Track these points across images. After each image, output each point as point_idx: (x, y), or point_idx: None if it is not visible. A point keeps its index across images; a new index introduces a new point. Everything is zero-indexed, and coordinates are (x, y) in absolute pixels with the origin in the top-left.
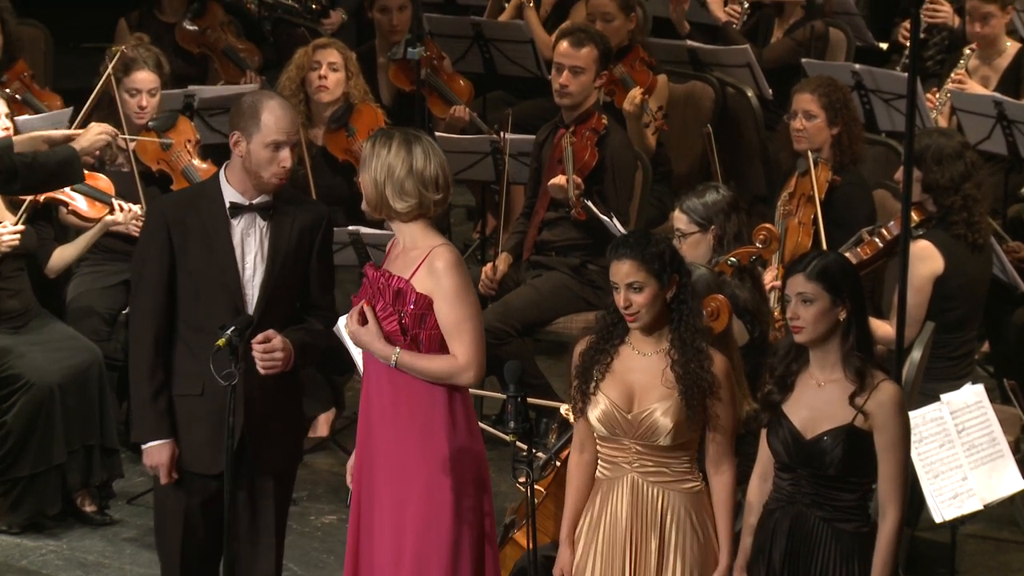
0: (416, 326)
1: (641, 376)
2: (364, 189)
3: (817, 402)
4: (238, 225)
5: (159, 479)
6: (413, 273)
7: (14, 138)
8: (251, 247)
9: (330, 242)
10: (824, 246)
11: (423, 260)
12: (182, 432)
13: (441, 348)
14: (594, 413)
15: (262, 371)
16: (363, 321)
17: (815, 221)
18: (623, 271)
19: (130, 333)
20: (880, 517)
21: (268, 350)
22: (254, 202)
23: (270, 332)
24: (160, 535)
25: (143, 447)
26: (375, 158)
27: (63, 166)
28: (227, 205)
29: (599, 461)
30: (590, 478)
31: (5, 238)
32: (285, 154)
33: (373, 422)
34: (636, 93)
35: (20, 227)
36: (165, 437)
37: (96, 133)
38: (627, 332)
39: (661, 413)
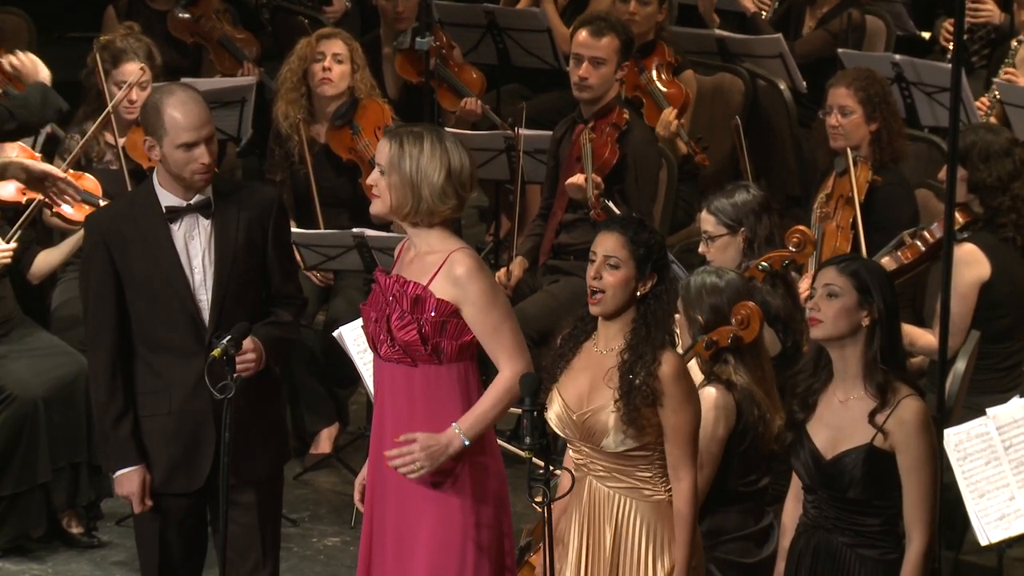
0: (437, 334)
1: (591, 375)
2: (390, 193)
3: (838, 421)
4: (179, 229)
5: (153, 512)
6: (431, 279)
7: None
8: (197, 250)
9: (285, 227)
10: (864, 251)
11: (441, 265)
12: (154, 453)
13: (462, 356)
14: (550, 413)
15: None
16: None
17: (854, 225)
18: (606, 243)
19: (87, 360)
20: (907, 543)
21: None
22: (191, 202)
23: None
24: (140, 557)
25: (113, 476)
26: (407, 159)
27: (52, 95)
28: (163, 210)
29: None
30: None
31: None
32: (200, 151)
33: (387, 438)
34: (671, 118)
35: (13, 245)
36: (133, 463)
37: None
38: (595, 328)
39: (602, 415)
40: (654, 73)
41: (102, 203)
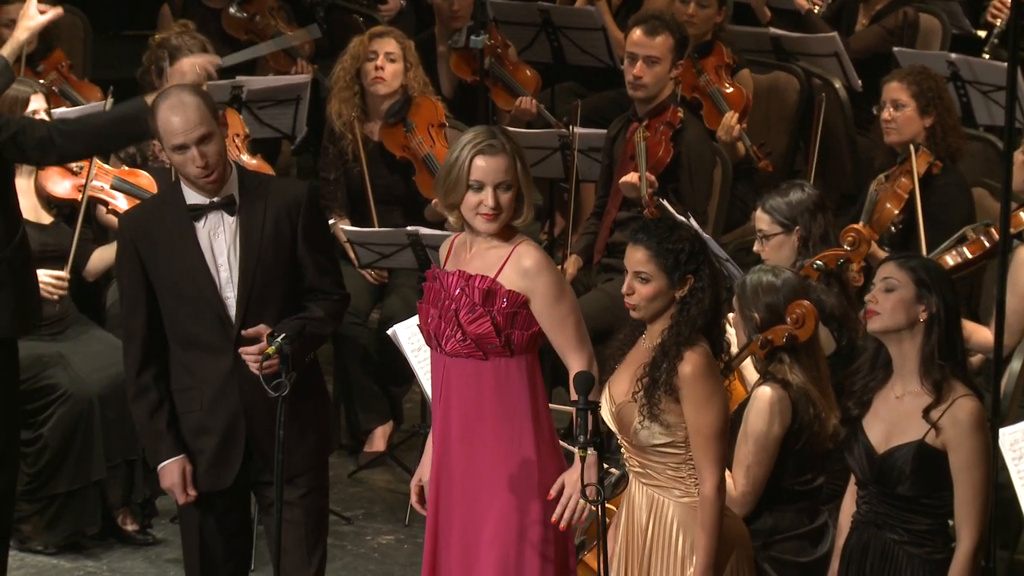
0: (509, 325)
1: (633, 369)
2: (512, 206)
3: (893, 416)
4: (203, 227)
5: (192, 507)
6: (499, 271)
7: None
8: (222, 247)
9: (316, 220)
10: (920, 218)
11: (508, 258)
12: (193, 453)
13: (530, 347)
14: (604, 409)
15: (256, 372)
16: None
17: (912, 194)
18: (635, 258)
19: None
20: (956, 543)
21: (260, 350)
22: (215, 200)
23: (261, 328)
24: (184, 554)
25: (157, 470)
26: (523, 165)
27: (121, 124)
28: (187, 208)
29: None
30: None
31: (51, 289)
32: (192, 153)
33: (453, 436)
34: (733, 123)
35: (67, 277)
36: (173, 455)
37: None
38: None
39: (631, 407)
40: (713, 75)
41: None
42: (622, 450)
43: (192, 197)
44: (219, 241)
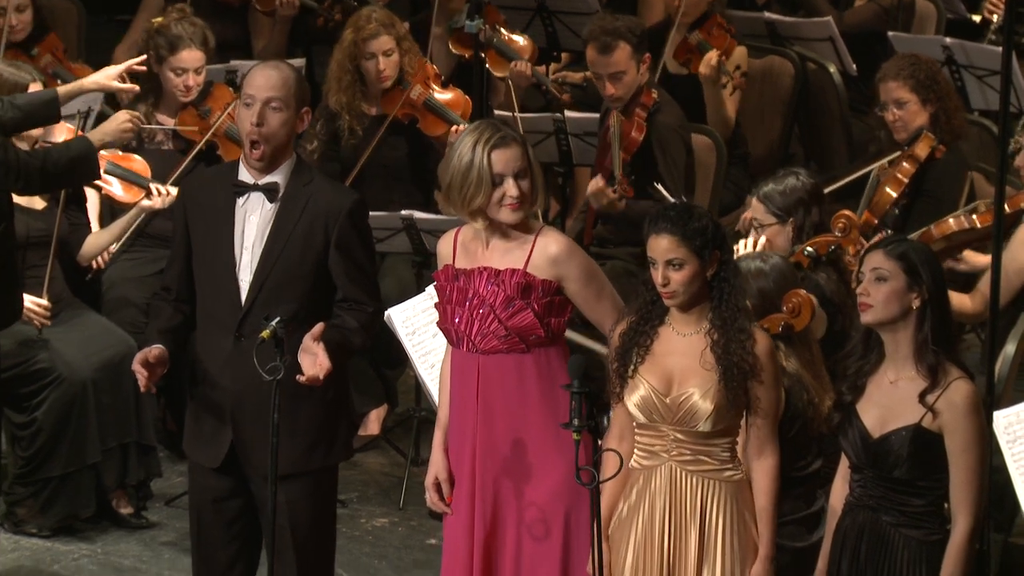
0: (547, 314)
1: (680, 358)
2: (531, 195)
3: (888, 400)
4: (242, 206)
5: (193, 483)
6: (527, 262)
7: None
8: (252, 230)
9: (354, 231)
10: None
11: (533, 247)
12: (189, 421)
13: (563, 333)
14: (632, 399)
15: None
16: None
17: (912, 178)
18: (662, 247)
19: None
20: (952, 525)
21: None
22: (260, 182)
23: (316, 331)
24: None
25: None
26: (531, 153)
27: (76, 163)
28: (235, 182)
29: (635, 450)
30: (627, 470)
31: (32, 316)
32: (255, 110)
33: (499, 433)
34: (712, 55)
35: (48, 305)
36: (150, 344)
37: (119, 125)
38: (666, 311)
39: (700, 396)
40: (704, 34)
41: (152, 185)
42: (611, 439)
43: (243, 174)
44: (251, 224)
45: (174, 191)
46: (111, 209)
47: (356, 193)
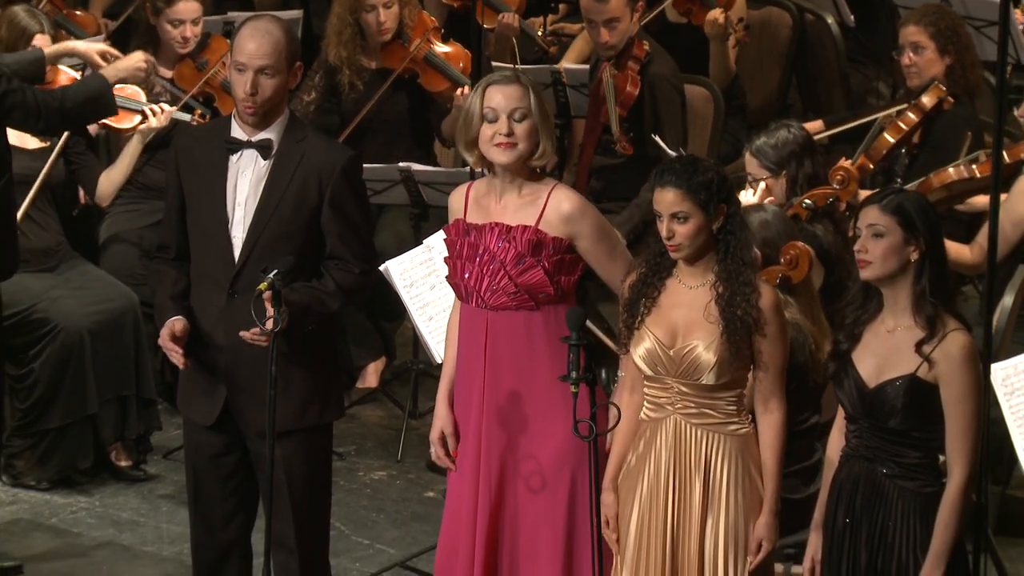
0: (558, 272)
1: (685, 311)
2: (528, 139)
3: (884, 350)
4: (235, 163)
5: (188, 440)
6: (539, 219)
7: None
8: (245, 187)
9: (348, 188)
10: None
11: (546, 204)
12: (183, 379)
13: (574, 290)
14: (637, 350)
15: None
16: None
17: (914, 127)
18: (667, 200)
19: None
20: (948, 476)
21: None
22: (253, 139)
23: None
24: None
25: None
26: (541, 102)
27: (93, 100)
28: (227, 140)
29: (645, 402)
30: (637, 421)
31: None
32: (247, 77)
33: (503, 389)
34: (718, 14)
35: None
36: (171, 316)
37: (135, 63)
38: (674, 264)
39: (704, 349)
40: None
41: (146, 108)
42: (622, 391)
43: (236, 131)
44: (244, 180)
45: (173, 109)
46: (107, 145)
47: (350, 150)
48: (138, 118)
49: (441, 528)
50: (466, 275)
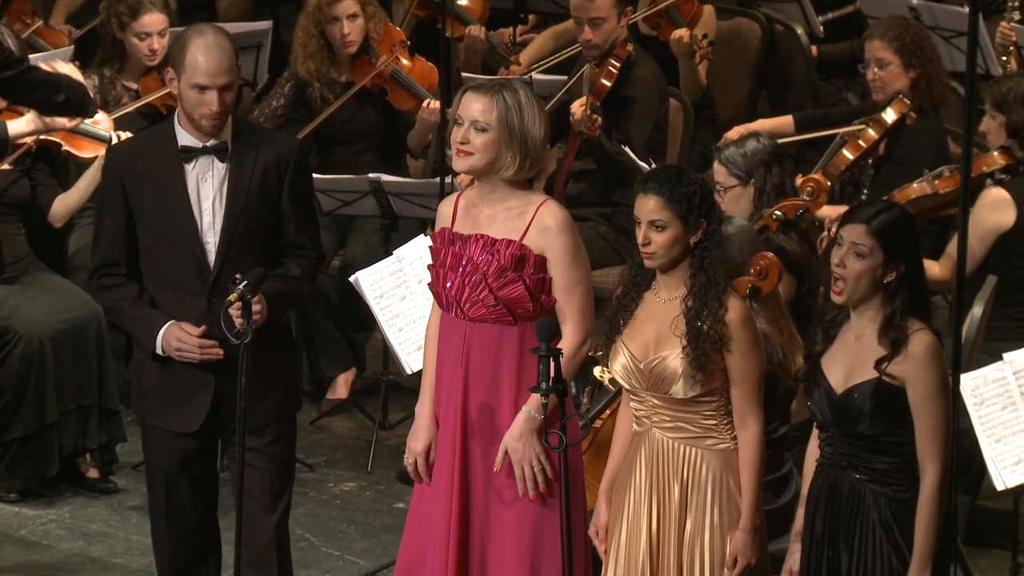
0: (538, 290)
1: (657, 324)
2: (488, 150)
3: (851, 356)
4: (192, 170)
5: (148, 430)
6: (524, 234)
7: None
8: (208, 192)
9: (303, 176)
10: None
11: (532, 219)
12: (152, 390)
13: (552, 309)
14: (614, 365)
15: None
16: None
17: (874, 144)
18: (648, 207)
19: (88, 283)
20: (921, 477)
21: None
22: (208, 144)
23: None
24: (150, 502)
25: (159, 348)
26: (512, 113)
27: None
28: (179, 149)
29: (633, 415)
30: (631, 433)
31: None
32: (211, 96)
33: (474, 401)
34: (683, 33)
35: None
36: (164, 322)
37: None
38: (654, 277)
39: (670, 362)
40: None
41: (113, 135)
42: (624, 407)
43: (184, 138)
44: (206, 186)
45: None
46: (77, 167)
47: (296, 138)
48: (103, 148)
49: (404, 537)
50: (448, 284)
